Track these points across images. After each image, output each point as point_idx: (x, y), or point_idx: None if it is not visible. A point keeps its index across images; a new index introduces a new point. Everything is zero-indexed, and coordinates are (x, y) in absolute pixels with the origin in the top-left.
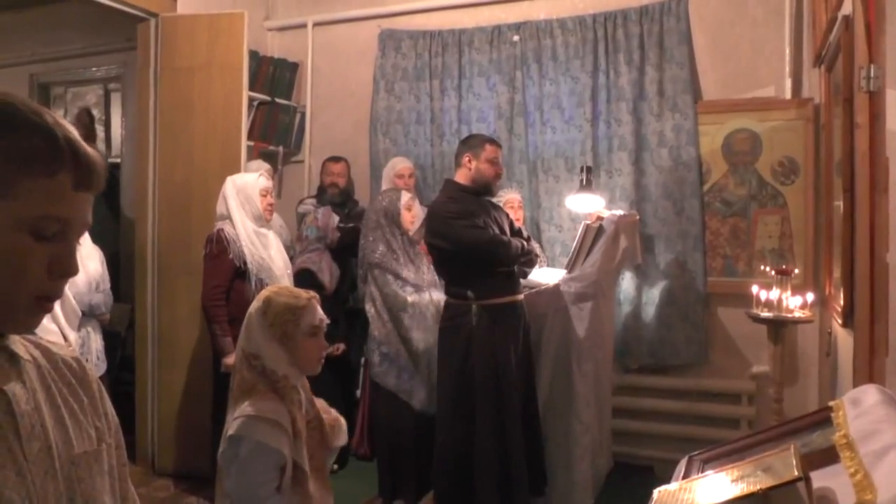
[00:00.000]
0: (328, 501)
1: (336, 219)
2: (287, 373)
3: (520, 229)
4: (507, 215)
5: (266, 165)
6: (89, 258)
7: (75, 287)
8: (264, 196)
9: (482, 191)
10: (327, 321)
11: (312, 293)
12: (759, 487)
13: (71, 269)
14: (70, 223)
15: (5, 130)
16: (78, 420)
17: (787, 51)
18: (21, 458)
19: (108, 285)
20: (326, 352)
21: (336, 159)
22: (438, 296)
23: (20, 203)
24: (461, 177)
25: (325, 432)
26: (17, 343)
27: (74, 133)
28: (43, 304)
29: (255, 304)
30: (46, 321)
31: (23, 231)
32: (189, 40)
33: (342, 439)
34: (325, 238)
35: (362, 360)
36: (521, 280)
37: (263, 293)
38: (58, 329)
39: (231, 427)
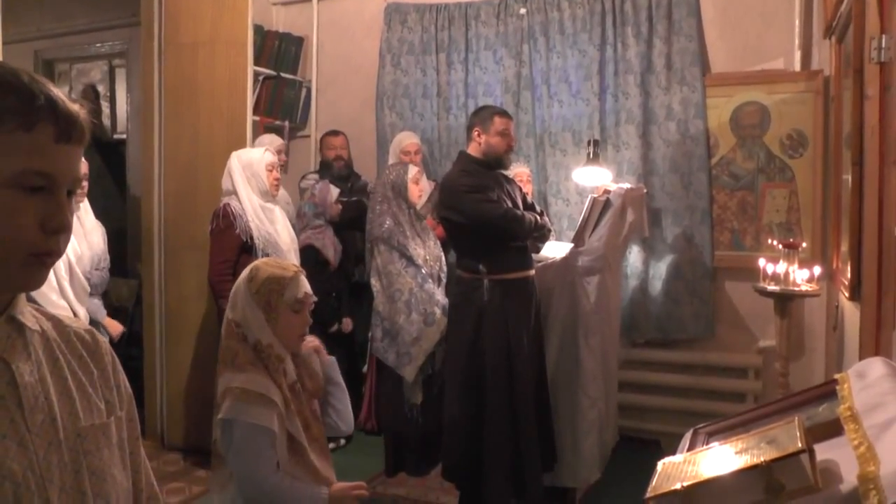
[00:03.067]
0: (329, 472)
1: (335, 193)
2: (271, 342)
3: (532, 203)
4: (520, 188)
5: (278, 140)
6: (93, 233)
7: (83, 264)
8: (270, 171)
9: (494, 164)
10: (314, 298)
11: (293, 266)
12: (762, 459)
13: (64, 223)
14: (56, 177)
15: None
16: (86, 393)
17: (797, 22)
18: (23, 430)
19: (107, 264)
20: (335, 329)
21: (335, 133)
22: (444, 300)
23: (1, 160)
24: (473, 150)
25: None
26: (27, 314)
27: (54, 89)
28: (43, 259)
29: (242, 274)
30: (56, 297)
31: (8, 188)
32: (193, 15)
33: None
34: (323, 214)
35: (369, 334)
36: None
37: (252, 264)
38: (67, 304)
39: (221, 410)
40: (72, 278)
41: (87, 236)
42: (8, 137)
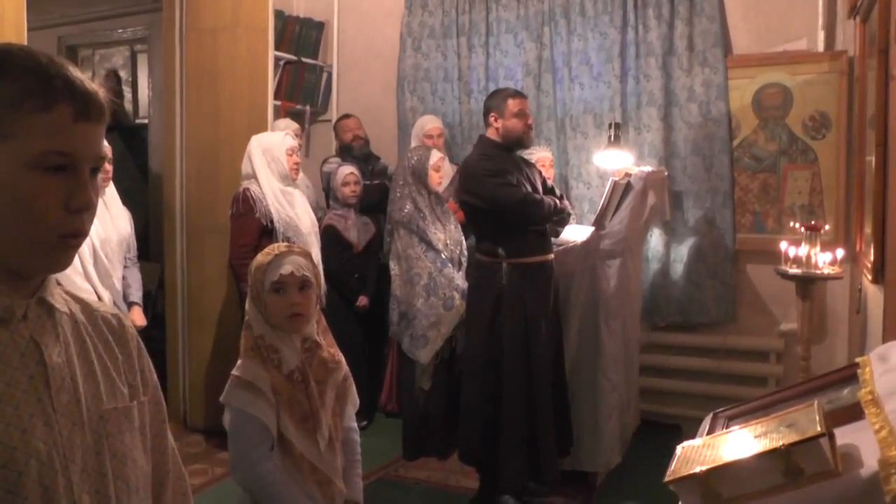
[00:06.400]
0: (329, 468)
1: (342, 174)
2: (262, 332)
3: (552, 187)
4: (540, 172)
5: (294, 125)
6: (119, 217)
7: (109, 247)
8: (290, 155)
9: (515, 146)
10: (302, 274)
11: (289, 246)
12: (781, 443)
13: (87, 201)
14: (76, 156)
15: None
16: (110, 376)
17: (821, 2)
18: (49, 409)
19: (135, 253)
20: (359, 305)
21: (347, 116)
22: (463, 284)
23: (22, 142)
24: (492, 135)
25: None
26: (56, 296)
27: (72, 69)
28: (68, 241)
29: None
30: (80, 281)
31: (31, 169)
32: (214, 1)
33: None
34: (336, 197)
35: (388, 317)
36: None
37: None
38: (91, 288)
39: (223, 394)
40: (96, 262)
41: (113, 220)
42: (27, 119)
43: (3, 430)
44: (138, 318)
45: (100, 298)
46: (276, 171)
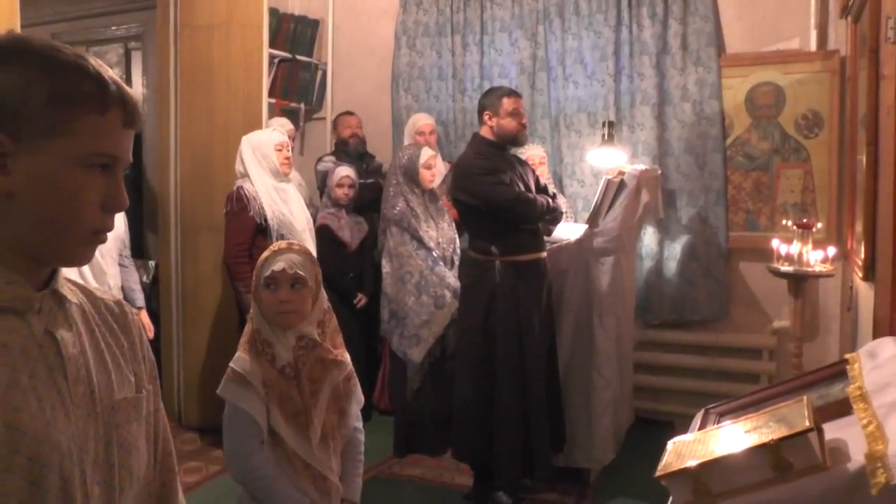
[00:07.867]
0: (322, 465)
1: (339, 174)
2: (259, 326)
3: (545, 186)
4: (533, 171)
5: (287, 123)
6: (116, 217)
7: (105, 244)
8: (280, 150)
9: (509, 144)
10: (294, 272)
11: (290, 244)
12: (770, 438)
13: (123, 203)
14: (117, 159)
15: (57, 72)
16: (119, 365)
17: (813, 2)
18: (68, 401)
19: (128, 252)
20: (361, 303)
21: (350, 113)
22: (455, 283)
23: (77, 140)
24: (486, 133)
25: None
26: (65, 287)
27: (114, 75)
28: (97, 238)
29: None
30: (75, 278)
31: (79, 166)
32: None
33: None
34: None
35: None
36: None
37: None
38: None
39: (219, 386)
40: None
41: None
42: (84, 119)
43: (29, 423)
44: (146, 324)
45: None
46: (267, 167)
